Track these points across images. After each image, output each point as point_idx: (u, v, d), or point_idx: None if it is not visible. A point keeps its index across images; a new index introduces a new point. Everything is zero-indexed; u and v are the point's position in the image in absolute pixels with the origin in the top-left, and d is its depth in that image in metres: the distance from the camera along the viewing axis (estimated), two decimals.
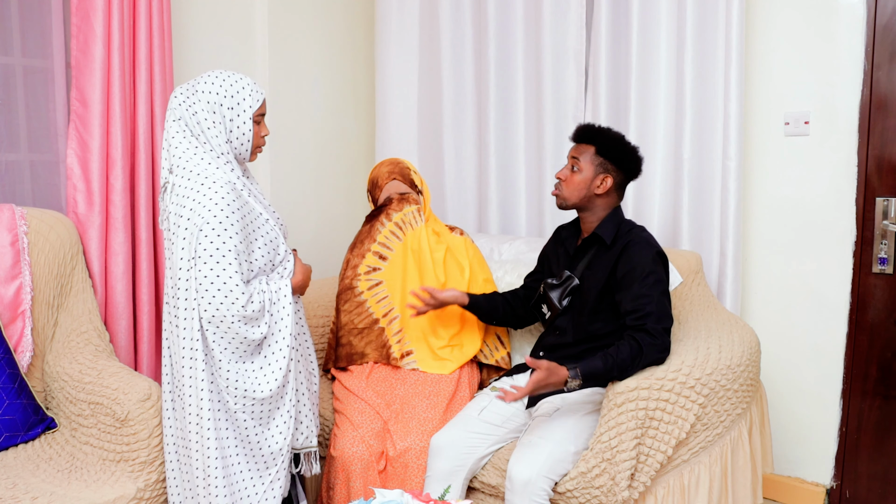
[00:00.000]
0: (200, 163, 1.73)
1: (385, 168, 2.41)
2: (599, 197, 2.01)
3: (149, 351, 2.35)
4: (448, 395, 2.13)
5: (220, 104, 1.74)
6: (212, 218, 1.66)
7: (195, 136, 1.75)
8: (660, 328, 1.84)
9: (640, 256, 1.92)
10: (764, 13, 2.42)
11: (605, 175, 2.00)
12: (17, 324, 1.99)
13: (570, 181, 2.02)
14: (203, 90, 1.74)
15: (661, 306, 1.87)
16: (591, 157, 2.00)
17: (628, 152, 2.01)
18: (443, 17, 2.98)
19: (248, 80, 1.80)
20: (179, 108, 1.74)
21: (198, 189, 1.69)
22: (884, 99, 2.27)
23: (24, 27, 2.23)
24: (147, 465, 1.75)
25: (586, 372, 1.79)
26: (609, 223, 2.02)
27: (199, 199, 1.68)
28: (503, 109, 2.90)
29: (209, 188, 1.68)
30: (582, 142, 2.03)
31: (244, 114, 1.77)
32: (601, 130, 2.02)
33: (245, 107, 1.77)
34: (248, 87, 1.78)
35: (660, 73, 2.53)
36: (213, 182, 1.69)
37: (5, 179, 2.22)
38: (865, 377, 2.37)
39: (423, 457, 1.96)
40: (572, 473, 1.78)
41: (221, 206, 1.67)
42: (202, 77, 1.78)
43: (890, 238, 2.30)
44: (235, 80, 1.78)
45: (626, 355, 1.79)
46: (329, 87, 3.06)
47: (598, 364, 1.79)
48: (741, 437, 1.94)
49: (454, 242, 2.40)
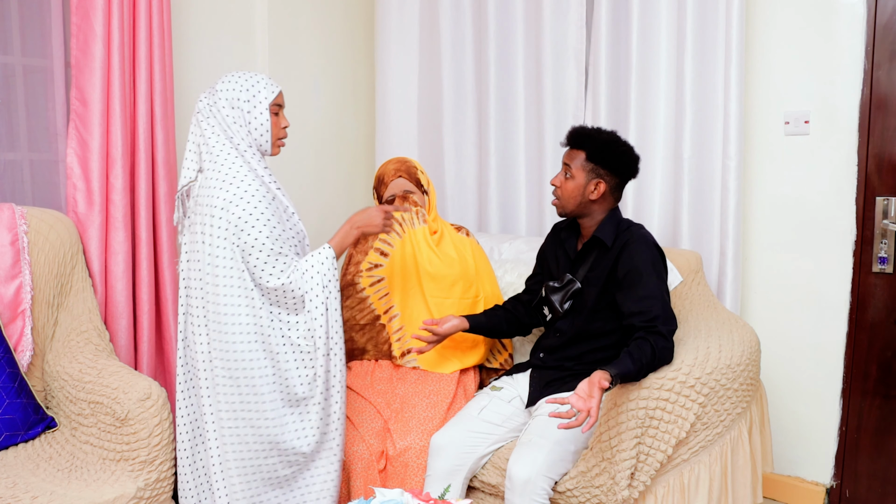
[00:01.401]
0: (233, 160, 1.81)
1: (392, 165, 2.41)
2: (595, 202, 1.99)
3: (149, 350, 2.35)
4: (449, 394, 2.14)
5: (238, 98, 1.83)
6: (253, 209, 1.75)
7: (224, 133, 1.83)
8: (670, 331, 1.83)
9: (641, 255, 1.91)
10: (764, 12, 2.42)
11: (597, 181, 1.97)
12: (17, 323, 1.99)
13: (565, 189, 1.99)
14: (222, 89, 1.84)
15: (666, 308, 1.86)
16: (581, 163, 1.97)
17: (620, 154, 1.97)
18: (443, 17, 2.98)
19: (264, 76, 1.90)
20: (207, 108, 1.84)
21: (230, 182, 1.77)
22: (884, 98, 2.26)
23: (23, 26, 2.22)
24: (147, 464, 1.75)
25: (620, 373, 1.70)
26: (608, 225, 1.99)
27: (234, 191, 1.76)
28: (503, 109, 2.90)
29: (242, 180, 1.78)
30: (573, 146, 2.00)
31: (260, 105, 1.85)
32: (591, 134, 1.98)
33: (261, 98, 1.85)
34: (263, 80, 1.87)
35: (660, 73, 2.53)
36: (245, 176, 1.78)
37: (5, 179, 2.22)
38: (865, 376, 2.37)
39: (423, 456, 1.96)
40: (572, 473, 1.78)
41: (259, 197, 1.77)
42: (220, 79, 1.88)
43: (890, 237, 2.30)
44: (251, 76, 1.87)
45: (649, 356, 1.75)
46: (329, 86, 3.06)
47: (629, 366, 1.71)
48: (741, 437, 1.94)
49: (460, 243, 2.40)
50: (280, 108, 1.90)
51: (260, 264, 1.77)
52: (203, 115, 1.84)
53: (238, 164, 1.80)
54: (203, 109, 1.84)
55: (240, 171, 1.79)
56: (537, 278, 2.23)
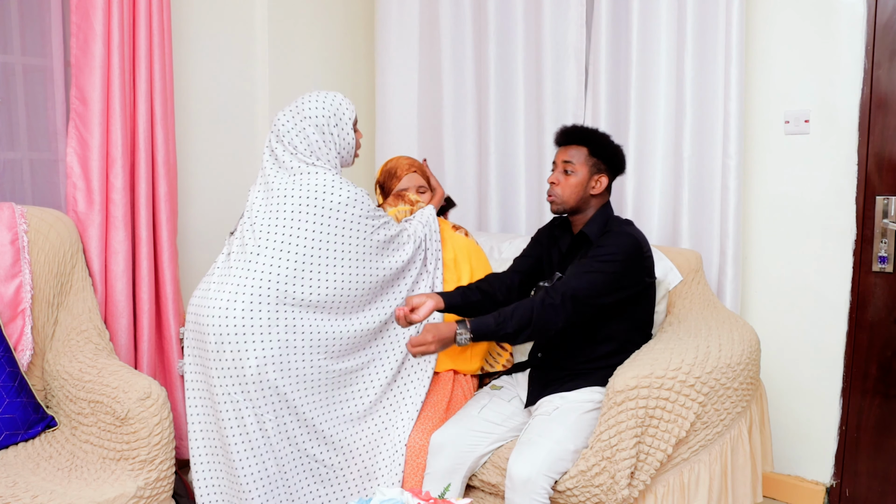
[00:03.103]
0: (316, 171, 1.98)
1: (405, 160, 2.39)
2: (594, 197, 2.02)
3: (149, 349, 2.35)
4: (446, 393, 2.13)
5: (326, 123, 2.00)
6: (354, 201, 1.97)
7: (310, 152, 1.99)
8: (567, 293, 1.82)
9: (612, 245, 1.90)
10: (764, 12, 2.42)
11: (599, 175, 2.00)
12: (17, 322, 1.99)
13: (566, 185, 1.99)
14: (309, 115, 1.99)
15: (585, 281, 1.85)
16: (584, 159, 1.99)
17: (616, 150, 2.02)
18: (443, 17, 2.98)
19: (339, 94, 2.06)
20: (289, 133, 1.99)
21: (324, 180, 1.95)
22: (884, 97, 2.26)
23: (23, 25, 2.23)
24: (147, 463, 1.75)
25: (476, 327, 1.78)
26: (596, 221, 2.00)
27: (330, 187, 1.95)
28: (503, 108, 2.90)
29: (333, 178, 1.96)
30: (573, 143, 2.02)
31: (346, 126, 2.04)
32: (591, 131, 2.02)
33: (346, 119, 2.04)
34: (343, 101, 2.04)
35: (660, 72, 2.53)
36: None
37: (5, 178, 2.22)
38: (865, 376, 2.37)
39: (423, 456, 1.95)
40: (572, 472, 1.77)
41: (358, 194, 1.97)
42: (303, 101, 2.01)
43: (890, 236, 2.30)
44: (332, 97, 2.03)
45: (524, 312, 1.79)
46: (329, 86, 3.06)
47: (489, 320, 1.79)
48: (741, 436, 1.94)
49: (458, 242, 2.39)
50: (356, 123, 2.10)
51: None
52: (283, 139, 1.99)
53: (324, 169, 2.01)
54: (286, 133, 1.98)
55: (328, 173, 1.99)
56: (527, 260, 2.18)
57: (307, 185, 1.93)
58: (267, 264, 1.88)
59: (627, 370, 1.79)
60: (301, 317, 1.89)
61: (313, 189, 1.93)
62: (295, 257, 1.89)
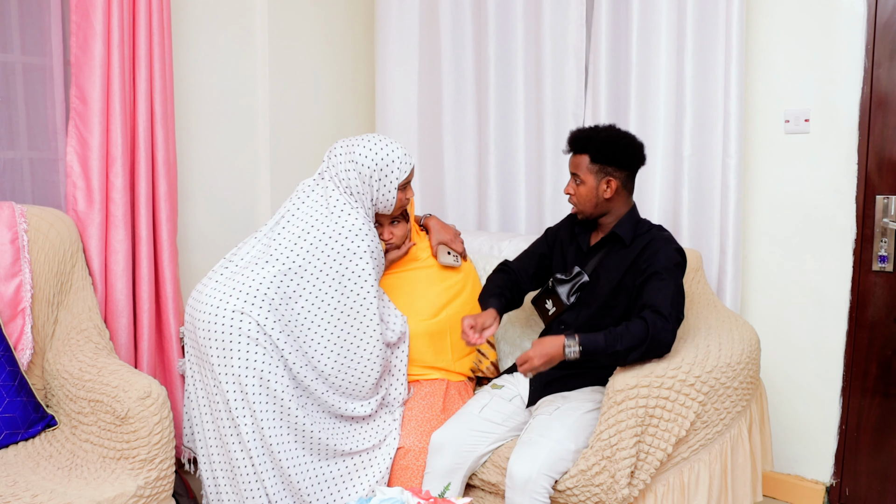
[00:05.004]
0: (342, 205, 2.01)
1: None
2: (610, 200, 2.00)
3: (149, 349, 2.35)
4: (440, 393, 2.13)
5: (370, 176, 2.00)
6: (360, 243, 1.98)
7: (349, 193, 2.02)
8: (673, 313, 1.82)
9: (665, 256, 1.91)
10: (764, 10, 2.42)
11: (607, 179, 1.97)
12: (17, 321, 1.99)
13: (579, 195, 2.01)
14: (356, 159, 2.00)
15: (676, 300, 1.86)
16: (587, 167, 1.98)
17: (624, 148, 1.97)
18: (443, 16, 2.98)
19: (400, 150, 2.05)
20: (337, 166, 2.02)
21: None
22: (884, 97, 2.26)
23: (23, 24, 2.22)
24: (147, 462, 1.75)
25: (586, 341, 1.78)
26: (627, 222, 2.01)
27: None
28: (503, 107, 2.90)
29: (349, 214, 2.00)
30: (575, 152, 2.01)
31: (390, 184, 2.03)
32: (590, 135, 1.99)
33: (392, 178, 2.03)
34: (399, 159, 2.03)
35: (660, 71, 2.53)
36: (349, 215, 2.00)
37: (5, 177, 2.22)
38: (865, 375, 2.37)
39: (423, 457, 1.95)
40: (572, 471, 1.78)
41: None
42: (361, 140, 2.03)
43: (890, 236, 2.30)
44: (388, 151, 2.03)
45: (641, 333, 1.77)
46: (329, 86, 3.06)
47: (598, 338, 1.78)
48: (741, 435, 1.94)
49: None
50: (408, 184, 2.08)
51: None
52: (332, 172, 2.03)
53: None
54: (335, 166, 2.02)
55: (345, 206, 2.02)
56: (534, 257, 2.20)
57: (333, 224, 1.98)
58: (267, 277, 1.89)
59: (627, 369, 1.80)
60: (289, 334, 1.91)
61: (335, 228, 1.97)
62: (289, 281, 1.91)
